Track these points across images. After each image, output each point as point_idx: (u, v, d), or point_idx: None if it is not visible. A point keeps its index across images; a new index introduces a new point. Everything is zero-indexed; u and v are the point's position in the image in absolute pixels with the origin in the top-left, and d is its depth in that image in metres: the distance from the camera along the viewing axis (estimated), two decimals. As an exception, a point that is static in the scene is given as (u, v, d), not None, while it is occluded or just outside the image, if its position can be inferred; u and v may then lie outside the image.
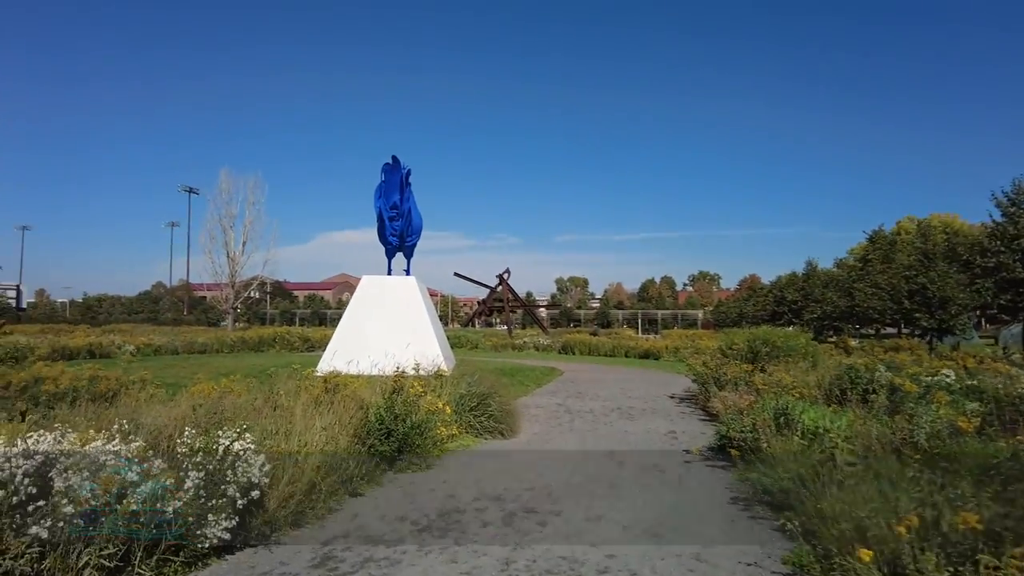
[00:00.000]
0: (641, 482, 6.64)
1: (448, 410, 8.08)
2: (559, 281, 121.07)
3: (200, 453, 4.19)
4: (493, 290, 52.50)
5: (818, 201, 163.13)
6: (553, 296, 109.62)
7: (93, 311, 74.30)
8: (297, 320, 74.47)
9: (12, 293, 68.47)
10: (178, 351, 26.80)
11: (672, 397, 14.04)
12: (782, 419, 7.48)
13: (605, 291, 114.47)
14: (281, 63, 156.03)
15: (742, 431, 7.54)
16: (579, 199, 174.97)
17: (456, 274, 52.39)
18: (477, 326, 62.72)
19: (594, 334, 38.91)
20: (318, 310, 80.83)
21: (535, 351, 30.87)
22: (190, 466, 4.14)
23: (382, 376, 9.31)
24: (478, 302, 58.53)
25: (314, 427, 5.89)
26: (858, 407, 8.43)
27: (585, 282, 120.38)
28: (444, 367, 16.52)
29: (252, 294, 72.69)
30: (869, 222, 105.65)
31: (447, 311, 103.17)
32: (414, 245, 19.90)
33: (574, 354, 29.18)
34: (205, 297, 74.47)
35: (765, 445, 6.85)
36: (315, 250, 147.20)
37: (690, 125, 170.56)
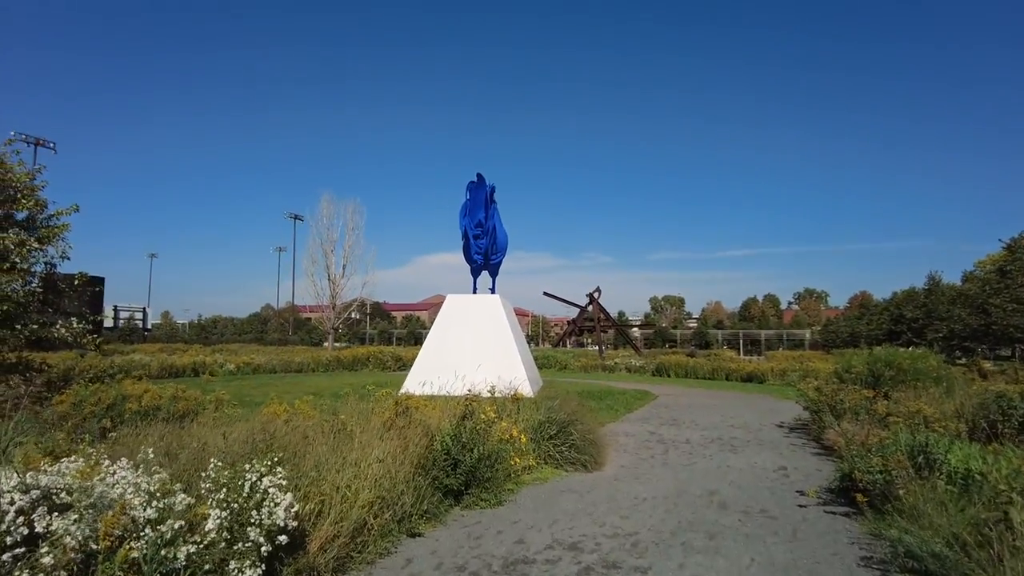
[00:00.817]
0: (747, 531, 5.59)
1: (523, 438, 7.34)
2: (653, 300, 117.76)
3: (223, 489, 3.67)
4: (583, 309, 51.43)
5: (934, 213, 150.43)
6: (647, 316, 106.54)
7: (207, 331, 79.44)
8: (394, 340, 76.45)
9: (139, 315, 74.25)
10: (276, 370, 27.67)
11: (780, 426, 12.61)
12: (921, 458, 6.21)
13: (703, 310, 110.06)
14: (384, 97, 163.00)
15: (869, 471, 6.31)
16: (675, 216, 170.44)
17: (545, 293, 52.02)
18: (568, 346, 61.72)
19: (691, 355, 36.97)
20: (414, 330, 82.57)
21: (627, 372, 29.56)
22: (214, 503, 3.63)
23: (463, 398, 8.79)
24: (567, 322, 57.49)
25: (370, 457, 5.31)
26: (1016, 444, 6.99)
27: (681, 301, 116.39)
28: (528, 389, 15.88)
29: (352, 315, 75.65)
30: (994, 232, 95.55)
31: (537, 331, 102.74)
32: (499, 263, 19.44)
33: (669, 376, 27.64)
34: (310, 319, 77.91)
35: (902, 491, 5.63)
36: (412, 272, 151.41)
37: (792, 135, 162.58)
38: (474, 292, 19.16)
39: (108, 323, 70.65)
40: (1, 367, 9.68)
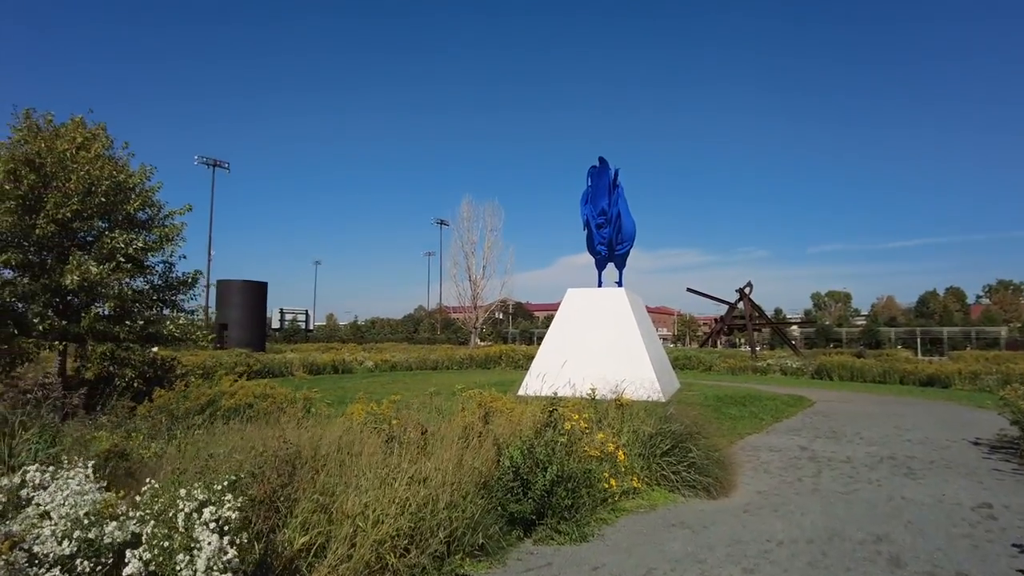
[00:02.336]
0: (935, 610, 3.80)
1: (621, 455, 5.92)
2: (815, 296, 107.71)
3: (151, 522, 2.73)
4: (732, 306, 47.60)
5: None
6: (806, 313, 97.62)
7: (362, 332, 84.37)
8: (535, 339, 76.39)
9: (303, 317, 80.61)
10: (412, 367, 28.00)
11: (977, 443, 9.97)
12: None
13: (872, 306, 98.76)
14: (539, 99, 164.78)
15: None
16: (839, 204, 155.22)
17: (689, 289, 48.56)
18: (720, 345, 57.73)
19: (859, 355, 32.56)
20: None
21: (781, 375, 26.42)
22: (144, 539, 2.71)
23: (578, 399, 7.63)
24: (714, 320, 53.69)
25: (400, 473, 4.22)
26: None
27: (847, 297, 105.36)
28: (657, 391, 14.20)
29: (496, 315, 76.95)
30: None
31: (684, 331, 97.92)
32: (626, 253, 17.82)
33: (831, 379, 24.24)
34: (457, 319, 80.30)
35: None
36: (557, 273, 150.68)
37: (991, 110, 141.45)
38: (599, 286, 17.74)
39: (275, 324, 77.86)
40: (120, 361, 9.90)
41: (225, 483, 2.92)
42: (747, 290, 46.27)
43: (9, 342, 9.08)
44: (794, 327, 71.58)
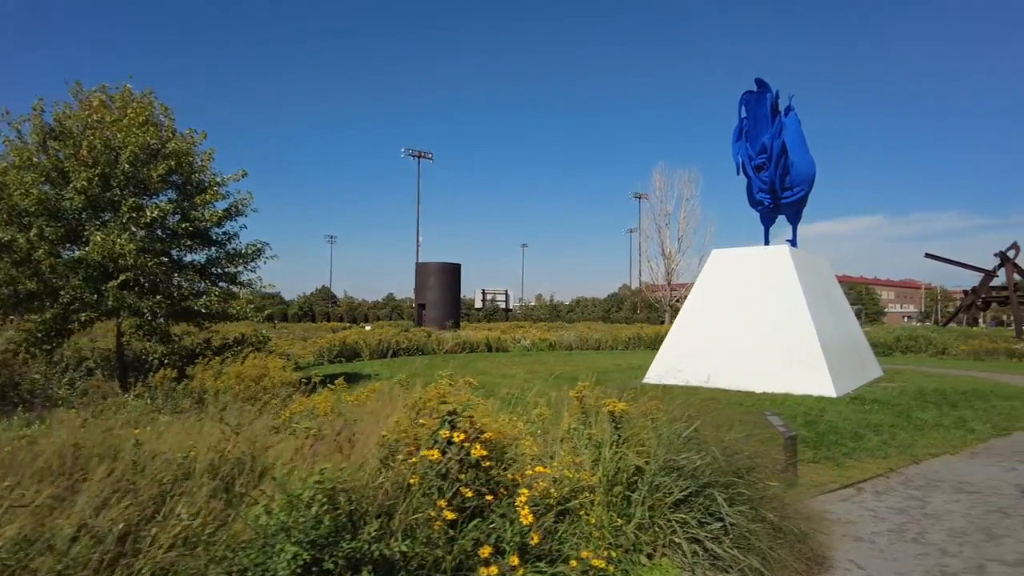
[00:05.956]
0: None
1: (597, 500, 3.23)
2: None
3: None
4: (990, 274, 37.99)
5: None
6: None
7: (557, 310, 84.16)
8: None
9: (501, 297, 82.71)
10: (571, 347, 25.97)
11: None
12: None
13: None
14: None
15: None
16: None
17: (928, 255, 39.58)
18: (983, 324, 46.97)
19: None
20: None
21: (1053, 362, 19.61)
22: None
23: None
24: (964, 292, 43.36)
25: None
26: None
27: None
28: (826, 381, 10.41)
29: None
30: None
31: (933, 307, 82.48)
32: (797, 202, 13.73)
33: None
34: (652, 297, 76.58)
35: None
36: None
37: None
38: (767, 245, 13.97)
39: (478, 304, 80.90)
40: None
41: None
42: (1012, 253, 36.48)
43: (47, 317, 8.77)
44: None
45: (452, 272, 38.06)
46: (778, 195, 13.29)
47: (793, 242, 13.89)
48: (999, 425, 8.42)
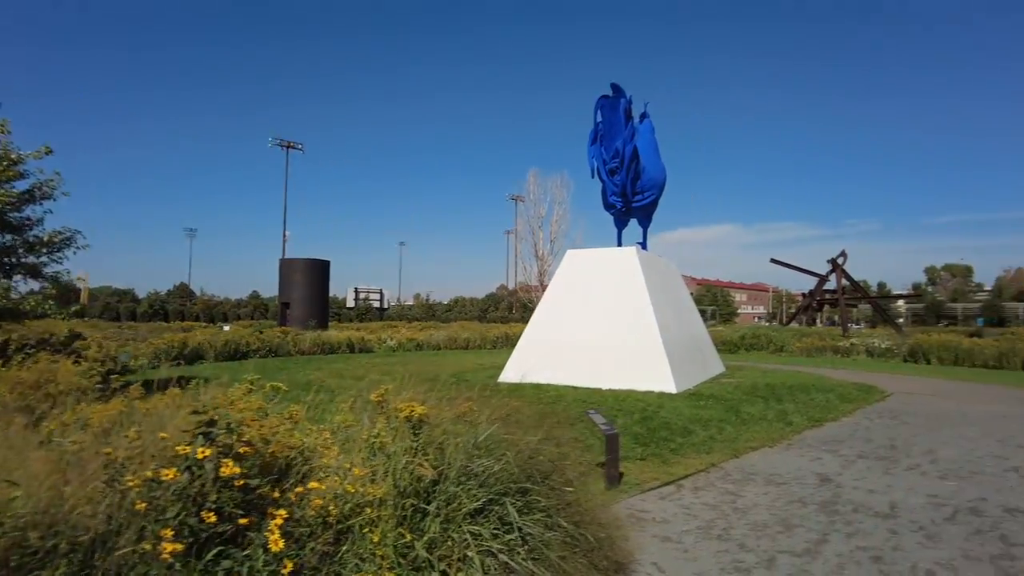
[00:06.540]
0: None
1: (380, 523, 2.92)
2: (930, 271, 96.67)
3: None
4: (823, 278, 42.04)
5: None
6: (915, 287, 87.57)
7: (434, 310, 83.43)
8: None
9: (376, 296, 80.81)
10: (439, 347, 25.66)
11: None
12: None
13: (998, 279, 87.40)
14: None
15: None
16: (960, 169, 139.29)
17: (773, 260, 43.16)
18: (819, 324, 51.87)
19: (975, 335, 27.12)
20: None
21: (868, 357, 21.94)
22: None
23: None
24: (802, 295, 47.89)
25: None
26: None
27: (967, 270, 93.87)
28: (668, 378, 10.84)
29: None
30: None
31: (779, 308, 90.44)
32: (648, 205, 14.27)
33: (928, 363, 19.65)
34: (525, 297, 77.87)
35: None
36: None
37: None
38: (619, 246, 14.40)
39: (350, 303, 78.44)
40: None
41: None
42: (841, 260, 40.61)
43: None
44: (899, 302, 63.91)
45: (320, 269, 36.43)
46: (629, 199, 13.73)
47: (644, 244, 14.42)
48: (814, 417, 9.11)
